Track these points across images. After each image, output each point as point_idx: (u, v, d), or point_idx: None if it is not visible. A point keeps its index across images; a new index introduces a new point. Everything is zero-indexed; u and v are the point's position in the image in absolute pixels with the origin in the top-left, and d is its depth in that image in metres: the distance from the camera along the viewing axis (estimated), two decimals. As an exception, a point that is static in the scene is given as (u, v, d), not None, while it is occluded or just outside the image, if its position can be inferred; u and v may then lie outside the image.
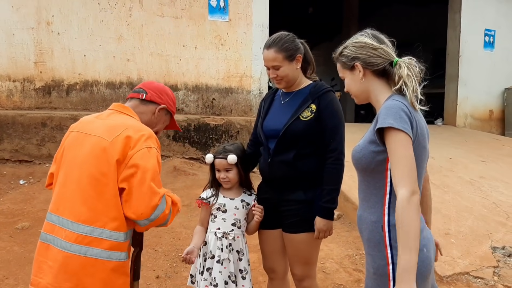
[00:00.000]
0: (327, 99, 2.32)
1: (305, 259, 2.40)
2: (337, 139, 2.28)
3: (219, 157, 2.41)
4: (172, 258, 3.73)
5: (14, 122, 5.87)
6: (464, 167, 6.07)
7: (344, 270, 3.64)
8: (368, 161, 1.72)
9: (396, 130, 1.60)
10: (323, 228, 2.28)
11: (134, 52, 6.94)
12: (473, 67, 9.77)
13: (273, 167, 2.36)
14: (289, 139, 2.31)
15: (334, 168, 2.27)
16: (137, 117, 1.97)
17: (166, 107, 2.08)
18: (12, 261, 3.55)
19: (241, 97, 7.59)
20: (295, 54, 2.33)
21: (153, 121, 2.05)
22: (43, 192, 4.89)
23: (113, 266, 1.74)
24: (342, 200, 4.77)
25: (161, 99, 2.05)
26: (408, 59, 1.77)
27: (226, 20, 7.41)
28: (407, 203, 1.54)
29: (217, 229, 2.40)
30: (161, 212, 1.77)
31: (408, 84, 1.71)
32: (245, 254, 2.42)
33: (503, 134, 10.02)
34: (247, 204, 2.46)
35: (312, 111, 2.30)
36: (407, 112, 1.64)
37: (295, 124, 2.29)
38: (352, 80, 1.83)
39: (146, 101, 2.02)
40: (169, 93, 2.11)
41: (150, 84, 2.09)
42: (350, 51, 1.80)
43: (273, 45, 2.31)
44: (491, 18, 9.93)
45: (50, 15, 6.51)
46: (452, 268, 3.40)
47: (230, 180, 2.42)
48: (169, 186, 5.37)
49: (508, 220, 4.28)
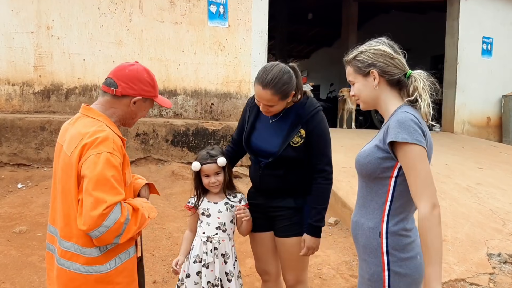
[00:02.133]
0: (314, 122, 2.34)
1: (297, 264, 2.44)
2: (325, 160, 2.35)
3: (207, 162, 2.42)
4: (169, 263, 3.73)
5: (13, 125, 5.88)
6: (461, 173, 6.09)
7: (341, 276, 3.65)
8: (374, 167, 1.73)
9: (411, 144, 1.61)
10: (312, 246, 2.35)
11: (133, 57, 6.97)
12: (471, 74, 9.83)
13: (265, 179, 2.43)
14: (279, 162, 2.36)
15: (323, 187, 2.35)
16: (104, 117, 1.83)
17: (142, 97, 1.89)
18: (9, 265, 3.55)
19: (239, 102, 7.62)
20: (290, 93, 2.28)
21: (131, 113, 1.91)
22: (41, 196, 4.90)
23: (95, 278, 1.74)
24: (340, 206, 4.78)
25: (133, 90, 1.85)
26: (421, 72, 1.79)
27: (226, 26, 7.45)
28: (431, 217, 1.57)
29: (202, 233, 2.43)
30: (113, 222, 1.63)
31: (423, 97, 1.74)
32: (231, 257, 2.43)
33: (501, 141, 10.06)
34: (231, 206, 2.47)
35: (301, 137, 2.33)
36: (419, 124, 1.66)
37: (287, 151, 2.32)
38: (365, 86, 1.83)
39: (118, 96, 1.85)
40: (142, 79, 1.87)
41: (121, 71, 1.86)
42: (367, 57, 1.80)
43: (270, 86, 2.18)
44: (489, 26, 10.00)
45: (50, 19, 6.54)
46: (448, 274, 3.41)
47: (220, 183, 2.45)
48: (167, 191, 5.38)
49: (504, 227, 4.30)
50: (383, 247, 1.71)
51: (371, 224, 1.75)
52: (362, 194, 1.84)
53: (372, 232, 1.74)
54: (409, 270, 1.69)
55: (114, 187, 1.67)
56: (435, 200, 1.60)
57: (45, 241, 3.97)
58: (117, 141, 1.77)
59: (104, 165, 1.66)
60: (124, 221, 1.68)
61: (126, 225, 1.70)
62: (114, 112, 1.88)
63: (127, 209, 1.72)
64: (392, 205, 1.71)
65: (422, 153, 1.62)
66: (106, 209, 1.62)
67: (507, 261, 3.68)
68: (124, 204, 1.72)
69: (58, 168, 1.80)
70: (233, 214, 2.47)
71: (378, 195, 1.75)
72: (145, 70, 1.91)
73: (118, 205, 1.67)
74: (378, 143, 1.73)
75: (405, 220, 1.73)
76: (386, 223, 1.71)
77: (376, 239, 1.72)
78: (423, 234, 1.58)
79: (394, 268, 1.69)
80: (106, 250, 1.75)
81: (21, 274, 3.44)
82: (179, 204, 5.01)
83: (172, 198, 5.17)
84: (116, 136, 1.79)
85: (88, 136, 1.72)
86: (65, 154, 1.76)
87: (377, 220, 1.74)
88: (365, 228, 1.78)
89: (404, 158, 1.64)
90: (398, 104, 1.78)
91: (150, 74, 1.92)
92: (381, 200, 1.74)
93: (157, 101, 1.97)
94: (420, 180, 1.60)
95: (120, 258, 1.81)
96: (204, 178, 2.45)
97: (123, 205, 1.71)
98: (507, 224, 4.36)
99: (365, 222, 1.78)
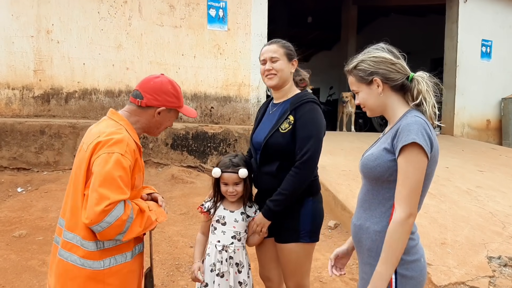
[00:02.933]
0: (304, 109, 2.31)
1: (297, 270, 2.41)
2: (305, 149, 2.23)
3: (228, 171, 2.35)
4: (169, 266, 3.73)
5: (13, 129, 5.89)
6: (461, 176, 6.09)
7: (341, 280, 3.65)
8: (383, 170, 1.72)
9: (415, 147, 1.61)
10: (256, 222, 2.36)
11: (133, 60, 6.99)
12: (470, 77, 9.85)
13: (260, 178, 2.41)
14: (270, 151, 2.33)
15: (291, 175, 2.25)
16: (125, 122, 1.93)
17: (166, 108, 1.98)
18: (9, 269, 3.55)
19: (239, 105, 7.63)
20: (293, 56, 2.44)
21: (156, 122, 2.01)
22: (40, 200, 4.90)
23: (87, 273, 1.78)
24: (340, 209, 4.78)
25: (158, 101, 1.95)
26: (423, 73, 1.79)
27: (225, 29, 7.46)
28: (401, 225, 1.62)
29: (217, 241, 2.37)
30: (114, 219, 1.69)
31: (428, 100, 1.74)
32: (245, 266, 2.39)
33: (500, 143, 10.07)
34: (247, 216, 2.42)
35: (290, 123, 2.30)
36: (428, 130, 1.66)
37: (275, 136, 2.31)
38: (370, 94, 1.81)
39: (144, 107, 1.96)
40: (166, 90, 1.97)
41: (146, 84, 1.98)
42: (368, 66, 1.79)
43: (275, 42, 2.43)
44: (488, 29, 10.03)
45: (50, 23, 6.56)
46: (448, 277, 3.40)
47: (238, 193, 2.38)
48: (166, 194, 5.37)
49: (504, 229, 4.29)
50: None
51: (377, 228, 1.75)
52: (367, 197, 1.82)
53: (379, 236, 1.73)
54: (414, 273, 1.70)
55: (119, 187, 1.72)
56: (414, 210, 1.63)
57: (44, 245, 3.99)
58: (131, 144, 1.84)
59: (113, 165, 1.73)
60: (127, 219, 1.73)
61: (130, 224, 1.75)
62: (138, 120, 1.97)
63: (131, 208, 1.76)
64: None
65: (421, 161, 1.62)
66: (108, 206, 1.67)
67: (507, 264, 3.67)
68: (129, 203, 1.77)
69: (76, 162, 1.89)
70: (247, 224, 2.42)
71: (385, 198, 1.74)
72: (169, 82, 2.00)
73: (121, 203, 1.72)
74: (387, 146, 1.72)
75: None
76: None
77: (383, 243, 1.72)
78: (390, 235, 1.64)
79: (401, 271, 1.69)
80: (103, 248, 1.80)
81: (20, 278, 3.43)
82: (178, 208, 5.01)
83: (172, 201, 5.17)
84: (131, 140, 1.87)
85: (105, 135, 1.81)
86: (83, 150, 1.86)
87: (383, 224, 1.73)
88: (370, 231, 1.77)
89: (403, 158, 1.64)
90: (405, 109, 1.78)
91: (175, 86, 2.01)
92: (388, 203, 1.73)
93: (182, 111, 2.06)
94: (407, 186, 1.62)
95: (116, 259, 1.84)
96: (222, 185, 2.39)
97: (128, 203, 1.76)
98: (507, 227, 4.36)
99: (370, 226, 1.78)
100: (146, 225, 1.84)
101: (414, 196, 1.62)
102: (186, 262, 3.81)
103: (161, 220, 1.93)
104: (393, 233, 1.63)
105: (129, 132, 1.91)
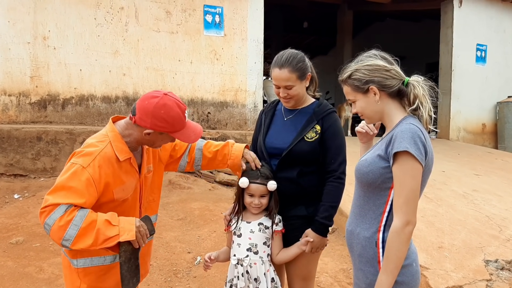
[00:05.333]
0: (331, 120, 2.32)
1: (304, 275, 2.39)
2: (339, 159, 2.27)
3: (257, 182, 2.22)
4: (166, 272, 3.72)
5: (10, 136, 5.88)
6: (457, 180, 6.11)
7: (339, 284, 3.65)
8: (376, 177, 1.72)
9: (408, 156, 1.61)
10: (316, 244, 2.24)
11: (130, 66, 7.00)
12: (466, 81, 9.90)
13: (278, 183, 2.29)
14: (293, 159, 2.29)
15: (334, 186, 2.25)
16: (113, 134, 1.90)
17: (154, 131, 1.89)
18: (6, 276, 3.53)
19: (236, 111, 7.64)
20: (306, 73, 2.32)
21: (148, 140, 1.94)
22: (37, 207, 4.88)
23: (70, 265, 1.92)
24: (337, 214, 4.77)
25: (146, 122, 1.85)
26: (418, 77, 1.79)
27: (222, 35, 7.49)
28: (399, 233, 1.62)
29: (233, 255, 2.25)
30: (53, 221, 1.66)
31: (424, 104, 1.73)
32: (264, 283, 2.19)
33: (496, 147, 10.11)
34: (265, 227, 2.25)
35: (316, 132, 2.29)
36: (422, 138, 1.65)
37: (300, 145, 2.27)
38: (367, 103, 1.80)
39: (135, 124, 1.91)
40: (157, 114, 1.84)
41: (142, 101, 1.89)
42: (362, 75, 1.77)
43: (286, 65, 2.25)
44: (483, 33, 10.09)
45: (46, 30, 6.56)
46: (446, 281, 3.41)
47: (263, 206, 2.25)
48: (164, 200, 5.37)
49: (501, 233, 4.31)
50: (379, 256, 1.71)
51: (367, 234, 1.75)
52: (359, 203, 1.83)
53: (368, 242, 1.74)
54: (406, 278, 1.69)
55: (66, 194, 1.70)
56: (412, 218, 1.63)
57: (41, 252, 3.98)
58: (105, 158, 1.81)
59: (70, 175, 1.73)
60: (69, 225, 1.66)
61: (75, 232, 1.67)
62: (131, 134, 1.93)
63: (77, 215, 1.69)
64: (390, 215, 1.71)
65: (416, 169, 1.62)
66: (46, 207, 1.68)
67: (504, 268, 3.69)
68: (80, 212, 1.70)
69: None
70: (267, 235, 2.26)
71: (376, 205, 1.75)
72: (164, 105, 1.85)
73: (61, 207, 1.67)
74: (380, 152, 1.72)
75: None
76: (383, 233, 1.72)
77: (372, 249, 1.73)
78: (389, 245, 1.64)
79: None
80: None
81: (18, 285, 3.42)
82: (176, 214, 5.00)
83: (169, 207, 5.16)
84: (108, 154, 1.83)
85: (83, 146, 1.85)
86: None
87: (373, 230, 1.74)
88: (360, 237, 1.78)
89: (397, 169, 1.64)
90: (402, 115, 1.78)
91: (169, 110, 1.86)
92: (379, 210, 1.74)
93: (175, 136, 1.94)
94: (404, 195, 1.62)
95: (92, 261, 1.90)
96: (247, 196, 2.25)
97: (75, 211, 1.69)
98: (503, 231, 4.38)
99: (360, 232, 1.78)
100: (99, 240, 1.72)
101: (411, 204, 1.62)
102: (183, 268, 3.80)
103: (125, 238, 1.77)
104: (391, 242, 1.63)
105: (114, 144, 1.87)
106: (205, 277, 3.64)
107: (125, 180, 1.89)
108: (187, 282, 3.60)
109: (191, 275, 3.70)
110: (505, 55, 10.44)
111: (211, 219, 4.86)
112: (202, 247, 4.19)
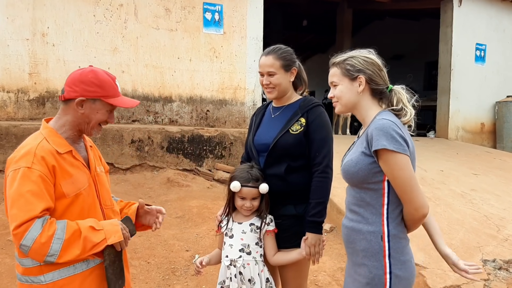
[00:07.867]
0: (316, 112, 2.34)
1: (296, 274, 2.40)
2: (324, 152, 2.27)
3: (249, 186, 2.22)
4: (164, 270, 3.72)
5: (8, 133, 5.86)
6: (456, 179, 6.12)
7: (337, 283, 3.65)
8: (366, 174, 1.75)
9: (388, 152, 1.65)
10: (312, 242, 2.22)
11: (129, 63, 6.98)
12: (465, 80, 9.91)
13: (266, 180, 2.32)
14: (279, 153, 2.31)
15: (319, 181, 2.25)
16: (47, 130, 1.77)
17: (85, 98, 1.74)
18: (4, 273, 3.53)
19: (235, 109, 7.64)
20: (291, 66, 2.38)
21: (83, 117, 1.78)
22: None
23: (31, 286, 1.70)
24: (335, 212, 4.79)
25: (75, 92, 1.73)
26: (401, 87, 1.87)
27: (221, 33, 7.48)
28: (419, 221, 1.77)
29: (225, 256, 2.24)
30: (31, 242, 1.55)
31: (407, 110, 1.81)
32: (258, 284, 2.19)
33: (495, 147, 10.13)
34: (257, 228, 2.25)
35: (301, 125, 2.31)
36: (397, 129, 1.69)
37: (285, 138, 2.30)
38: (349, 89, 1.85)
39: (66, 101, 1.77)
40: (85, 79, 1.74)
41: (69, 77, 1.78)
42: (357, 62, 1.83)
43: (272, 53, 2.37)
44: (482, 33, 10.10)
45: (45, 26, 6.54)
46: (444, 281, 3.42)
47: (254, 208, 2.26)
48: (162, 198, 5.37)
49: (498, 233, 4.32)
50: (385, 250, 1.73)
51: (371, 228, 1.77)
52: (354, 201, 1.84)
53: (374, 236, 1.75)
54: (407, 273, 1.74)
55: (28, 202, 1.58)
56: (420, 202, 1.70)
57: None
58: (43, 151, 1.68)
59: (20, 180, 1.61)
60: (51, 240, 1.58)
61: (60, 245, 1.59)
62: (66, 120, 1.80)
63: (57, 228, 1.60)
64: (390, 207, 1.75)
65: (400, 160, 1.66)
66: (18, 228, 1.56)
67: (502, 267, 3.69)
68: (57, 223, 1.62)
69: None
70: (258, 236, 2.25)
71: (373, 199, 1.77)
72: (92, 71, 1.78)
73: (37, 223, 1.57)
74: (364, 149, 1.76)
75: (402, 223, 1.78)
76: (387, 226, 1.74)
77: (378, 243, 1.74)
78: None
79: (395, 271, 1.72)
80: (41, 264, 1.66)
81: (15, 283, 3.40)
82: (174, 211, 5.00)
83: (167, 205, 5.16)
84: (45, 147, 1.70)
85: (14, 153, 1.71)
86: None
87: (377, 224, 1.76)
88: (364, 232, 1.78)
89: (384, 166, 1.69)
90: (377, 111, 1.83)
91: (98, 75, 1.78)
92: (377, 204, 1.76)
93: (110, 101, 1.80)
94: (402, 187, 1.68)
95: (60, 273, 1.69)
96: (239, 199, 2.25)
97: (53, 223, 1.61)
98: (501, 230, 4.38)
99: (363, 227, 1.79)
100: (87, 248, 1.64)
101: (414, 191, 1.68)
102: (181, 266, 3.80)
103: (113, 241, 1.70)
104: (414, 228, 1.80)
105: (50, 139, 1.73)
106: (203, 275, 3.64)
107: (72, 172, 1.75)
108: (185, 280, 3.60)
109: (189, 273, 3.70)
110: (505, 55, 10.46)
111: (209, 217, 4.85)
112: (200, 245, 4.19)
